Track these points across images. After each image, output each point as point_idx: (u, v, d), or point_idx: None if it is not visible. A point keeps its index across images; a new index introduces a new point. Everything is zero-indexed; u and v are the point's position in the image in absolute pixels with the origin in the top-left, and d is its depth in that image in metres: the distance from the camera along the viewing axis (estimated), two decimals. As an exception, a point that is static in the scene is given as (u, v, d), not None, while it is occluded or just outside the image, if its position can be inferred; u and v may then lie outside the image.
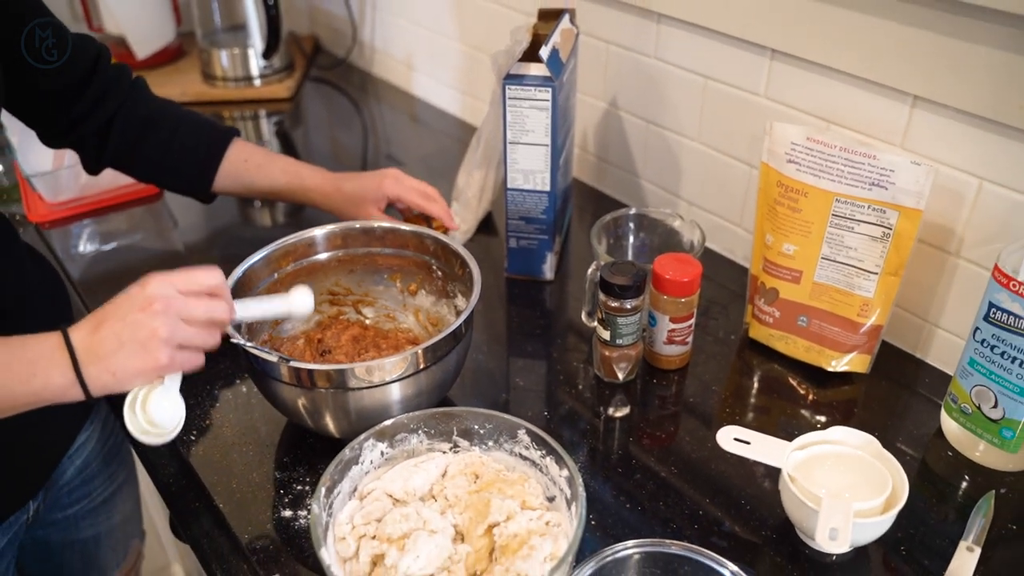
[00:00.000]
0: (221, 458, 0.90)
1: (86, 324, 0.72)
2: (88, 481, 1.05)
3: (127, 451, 1.14)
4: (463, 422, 0.80)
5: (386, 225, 1.00)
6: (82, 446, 1.02)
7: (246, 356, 0.83)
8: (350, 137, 1.69)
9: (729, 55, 1.10)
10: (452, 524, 0.73)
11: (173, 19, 1.89)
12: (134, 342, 0.70)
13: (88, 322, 0.72)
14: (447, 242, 0.96)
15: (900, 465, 0.77)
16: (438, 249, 0.97)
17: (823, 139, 0.92)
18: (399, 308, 1.03)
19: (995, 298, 0.81)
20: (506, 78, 1.03)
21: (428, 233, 0.98)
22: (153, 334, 0.70)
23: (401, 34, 1.79)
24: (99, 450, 1.06)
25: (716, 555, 0.66)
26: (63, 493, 1.02)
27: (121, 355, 0.70)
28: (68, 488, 1.02)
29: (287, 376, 0.81)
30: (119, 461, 1.11)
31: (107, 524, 1.11)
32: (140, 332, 0.70)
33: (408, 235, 0.99)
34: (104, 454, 1.07)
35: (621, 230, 1.14)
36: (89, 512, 1.07)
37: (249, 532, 0.81)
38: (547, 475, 0.77)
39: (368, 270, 1.02)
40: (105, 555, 1.12)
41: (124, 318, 0.71)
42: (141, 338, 0.70)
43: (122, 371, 0.71)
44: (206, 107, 1.78)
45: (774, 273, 1.00)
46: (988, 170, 0.89)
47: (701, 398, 0.98)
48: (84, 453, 1.03)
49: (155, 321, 0.70)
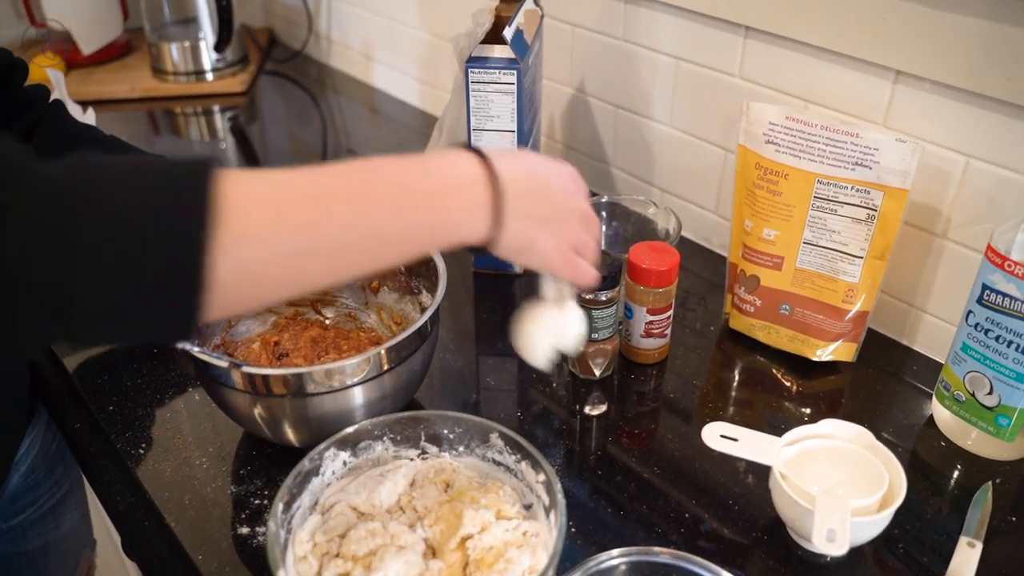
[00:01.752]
0: (172, 472, 0.83)
1: (504, 156, 0.59)
2: (33, 488, 0.99)
3: (71, 457, 1.07)
4: (431, 427, 0.74)
5: None
6: (27, 451, 0.96)
7: (195, 363, 0.77)
8: (308, 131, 1.63)
9: (701, 34, 1.06)
10: (422, 538, 0.67)
11: (120, 13, 1.81)
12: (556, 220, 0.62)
13: (504, 157, 0.59)
14: None
15: (895, 458, 0.73)
16: None
17: (803, 118, 0.88)
18: (360, 307, 0.98)
19: (989, 280, 0.77)
20: (468, 61, 0.98)
21: None
22: (575, 224, 0.64)
23: (359, 24, 1.73)
24: (43, 455, 1.00)
25: (708, 562, 0.61)
26: (7, 502, 0.95)
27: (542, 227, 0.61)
28: (13, 496, 0.96)
29: (240, 383, 0.75)
30: (64, 466, 1.05)
31: (55, 533, 1.04)
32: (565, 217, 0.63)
33: None
34: (48, 459, 1.01)
35: (593, 219, 1.09)
36: (35, 521, 1.00)
37: (204, 552, 0.75)
38: (523, 481, 0.71)
39: None
40: (54, 566, 1.06)
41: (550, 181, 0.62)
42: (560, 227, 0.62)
43: (531, 246, 0.61)
44: (157, 103, 1.72)
45: (754, 260, 0.96)
46: (975, 147, 0.86)
47: (682, 393, 0.93)
48: (29, 458, 0.97)
49: (581, 205, 0.64)
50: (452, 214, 0.56)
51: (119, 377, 0.94)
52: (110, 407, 0.91)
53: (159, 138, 1.63)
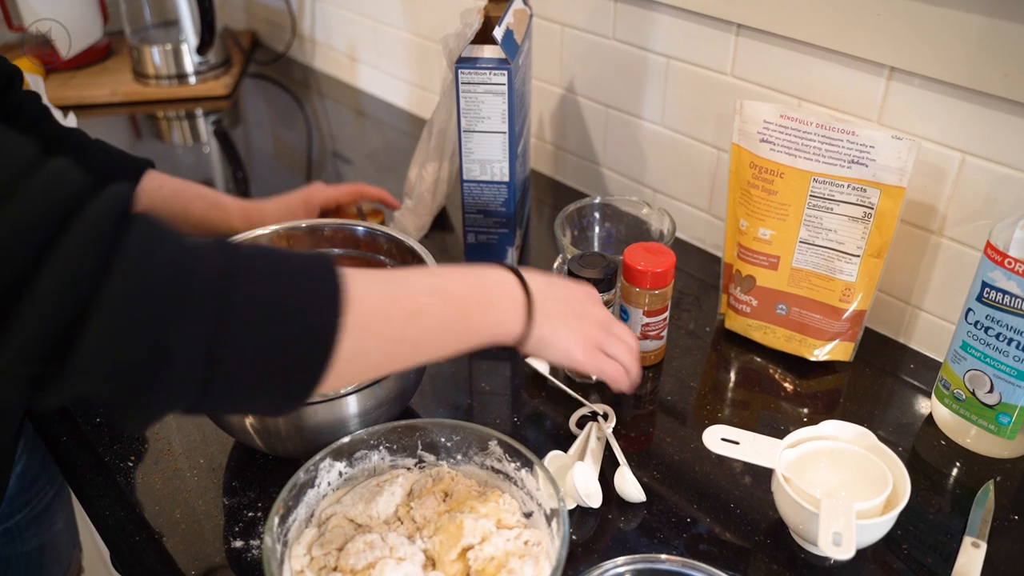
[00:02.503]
0: (163, 485, 0.81)
1: (533, 273, 0.70)
2: (29, 486, 0.97)
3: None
4: (428, 435, 0.73)
5: (335, 223, 0.92)
6: (21, 451, 0.94)
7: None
8: (293, 135, 1.61)
9: (692, 32, 1.05)
10: (422, 550, 0.66)
11: (100, 16, 1.78)
12: (575, 317, 0.70)
13: (533, 274, 0.70)
14: (402, 239, 0.89)
15: (898, 458, 0.73)
16: (392, 247, 0.90)
17: (798, 116, 0.87)
18: None
19: (988, 277, 0.76)
20: (458, 62, 0.97)
21: (381, 230, 0.91)
22: (593, 324, 0.72)
23: (343, 25, 1.71)
24: (36, 452, 0.98)
25: (714, 569, 0.60)
26: (5, 502, 0.93)
27: (562, 324, 0.69)
28: (9, 497, 0.94)
29: None
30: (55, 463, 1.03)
31: (50, 532, 1.03)
32: (582, 317, 0.71)
33: (359, 233, 0.92)
34: (41, 456, 0.99)
35: (586, 220, 1.08)
36: (32, 520, 0.98)
37: (196, 567, 0.74)
38: (523, 489, 0.70)
39: None
40: (50, 565, 1.04)
41: (571, 293, 0.72)
42: (579, 324, 0.70)
43: (554, 337, 0.68)
44: (139, 107, 1.69)
45: (750, 260, 0.95)
46: (971, 143, 0.85)
47: (679, 395, 0.92)
48: (23, 458, 0.95)
49: (599, 312, 0.73)
50: (500, 316, 0.66)
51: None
52: (96, 419, 0.89)
53: (141, 142, 1.61)
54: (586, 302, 0.73)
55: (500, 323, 0.65)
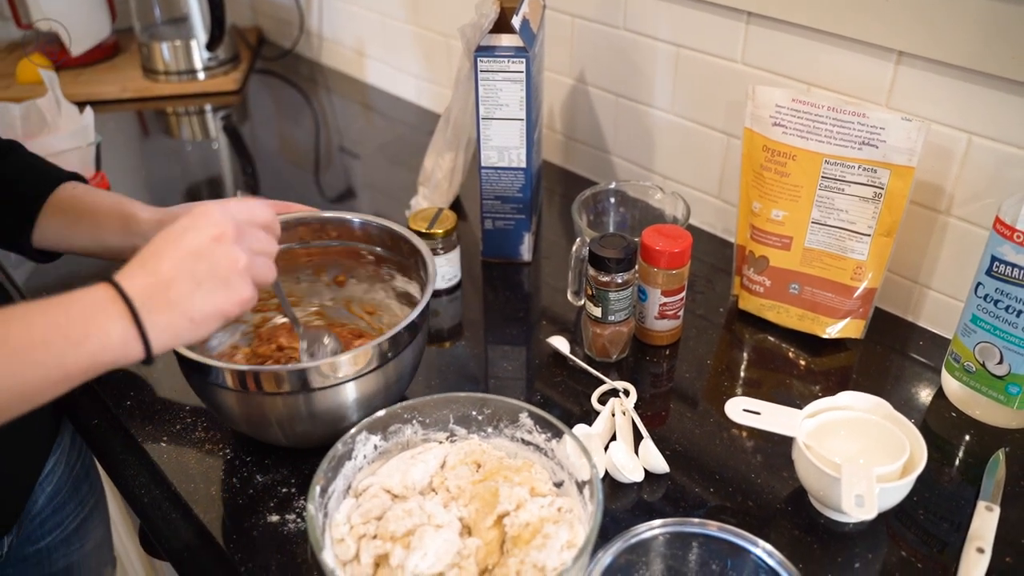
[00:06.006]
0: (196, 464, 0.83)
1: (137, 268, 0.60)
2: (59, 509, 0.97)
3: (96, 473, 1.06)
4: (460, 408, 0.75)
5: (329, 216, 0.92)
6: (51, 472, 0.95)
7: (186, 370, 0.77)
8: (301, 130, 1.62)
9: (703, 21, 1.07)
10: (458, 517, 0.68)
11: (108, 13, 1.80)
12: (214, 278, 0.62)
13: (139, 265, 0.61)
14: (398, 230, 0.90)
15: (914, 426, 0.75)
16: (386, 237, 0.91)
17: (809, 100, 0.90)
18: (329, 303, 0.97)
19: (997, 251, 0.79)
20: (477, 50, 0.99)
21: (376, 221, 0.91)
22: (234, 265, 0.62)
23: (351, 20, 1.73)
24: (68, 474, 0.99)
25: (746, 532, 0.62)
26: (35, 525, 0.94)
27: (199, 296, 0.61)
28: (40, 519, 0.94)
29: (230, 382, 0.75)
30: (89, 484, 1.04)
31: (80, 553, 1.02)
32: (220, 265, 0.62)
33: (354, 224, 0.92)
34: (73, 478, 1.00)
35: (601, 206, 1.11)
36: (61, 542, 0.98)
37: (234, 542, 0.76)
38: (553, 459, 0.73)
39: (288, 268, 0.93)
40: None
41: (196, 252, 0.61)
42: (222, 273, 0.62)
43: (201, 314, 0.61)
44: (148, 103, 1.71)
45: (763, 241, 0.97)
46: (977, 124, 0.88)
47: (696, 373, 0.95)
48: (54, 479, 0.95)
49: (234, 251, 0.63)
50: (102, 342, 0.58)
51: (131, 369, 0.94)
52: (127, 401, 0.91)
53: (150, 138, 1.62)
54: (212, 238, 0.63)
55: (106, 348, 0.58)
